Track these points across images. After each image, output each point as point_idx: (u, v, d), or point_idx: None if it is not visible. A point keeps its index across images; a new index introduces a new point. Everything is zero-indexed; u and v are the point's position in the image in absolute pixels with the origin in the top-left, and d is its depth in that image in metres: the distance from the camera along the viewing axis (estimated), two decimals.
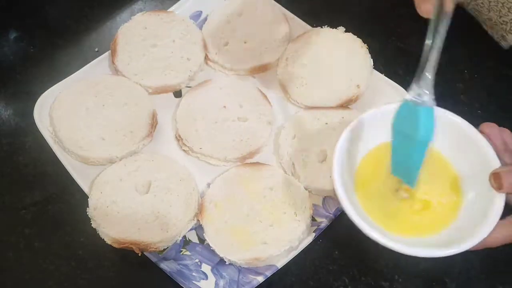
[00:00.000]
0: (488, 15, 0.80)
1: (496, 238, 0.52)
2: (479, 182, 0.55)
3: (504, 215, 0.52)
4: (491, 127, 0.57)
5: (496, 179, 0.52)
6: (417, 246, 0.52)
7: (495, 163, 0.54)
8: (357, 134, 0.59)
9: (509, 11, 0.76)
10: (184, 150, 0.75)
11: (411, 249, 0.52)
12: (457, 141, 0.59)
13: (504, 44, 0.82)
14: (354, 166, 0.60)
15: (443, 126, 0.57)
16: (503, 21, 0.78)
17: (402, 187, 0.58)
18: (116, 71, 0.80)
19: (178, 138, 0.75)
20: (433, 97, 0.52)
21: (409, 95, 0.53)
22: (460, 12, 0.89)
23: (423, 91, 0.52)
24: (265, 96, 0.78)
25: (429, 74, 0.52)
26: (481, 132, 0.56)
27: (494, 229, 0.51)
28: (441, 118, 0.58)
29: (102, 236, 0.66)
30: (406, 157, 0.55)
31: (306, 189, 0.70)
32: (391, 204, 0.58)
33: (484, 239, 0.51)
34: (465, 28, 0.89)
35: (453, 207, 0.57)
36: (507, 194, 0.52)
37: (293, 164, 0.72)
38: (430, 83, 0.52)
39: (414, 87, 0.53)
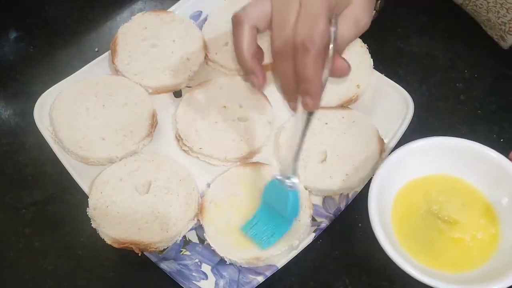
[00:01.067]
0: (487, 16, 0.80)
1: None
2: None
3: None
4: None
5: None
6: (458, 283, 0.53)
7: None
8: (390, 171, 0.62)
9: (507, 12, 0.76)
10: (184, 150, 0.75)
11: (452, 286, 0.53)
12: (490, 173, 0.61)
13: (503, 45, 0.82)
14: (389, 202, 0.63)
15: (475, 160, 0.61)
16: (502, 22, 0.78)
17: (441, 222, 0.61)
18: (116, 71, 0.80)
19: (178, 138, 0.75)
20: (297, 180, 0.61)
21: (278, 175, 0.62)
22: (460, 12, 0.89)
23: (291, 176, 0.61)
24: (265, 96, 0.78)
25: (294, 163, 0.60)
26: (510, 159, 0.58)
27: None
28: (474, 152, 0.61)
29: (102, 236, 0.66)
30: (270, 226, 0.64)
31: (306, 189, 0.70)
32: (428, 240, 0.60)
33: None
34: (465, 28, 0.89)
35: (491, 240, 0.58)
36: None
37: None
38: (296, 169, 0.61)
39: (282, 171, 0.62)
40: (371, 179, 0.70)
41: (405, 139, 0.74)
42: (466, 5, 0.85)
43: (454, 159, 0.64)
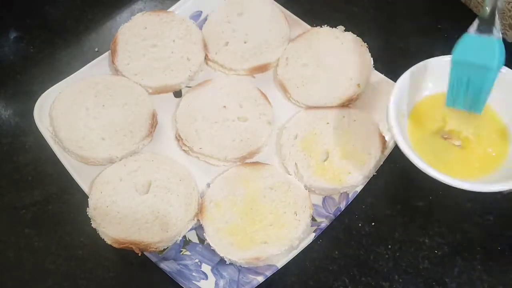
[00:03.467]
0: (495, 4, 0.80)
1: None
2: None
3: None
4: None
5: None
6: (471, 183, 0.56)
7: None
8: (415, 79, 0.64)
9: None
10: (184, 150, 0.75)
11: (467, 184, 0.56)
12: (506, 92, 0.63)
13: (509, 35, 0.82)
14: (408, 109, 0.65)
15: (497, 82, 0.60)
16: None
17: (453, 135, 0.63)
18: (116, 71, 0.80)
19: (178, 138, 0.75)
20: (499, 30, 0.56)
21: (471, 30, 0.57)
22: (460, 12, 0.89)
23: (493, 25, 0.56)
24: (265, 96, 0.78)
25: (496, 11, 0.56)
26: None
27: None
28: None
29: (102, 236, 0.66)
30: (472, 87, 0.58)
31: (309, 188, 0.70)
32: (442, 150, 0.63)
33: None
34: (465, 28, 0.89)
35: (502, 152, 0.61)
36: None
37: (295, 164, 0.72)
38: (497, 18, 0.56)
39: (477, 22, 0.57)
40: (372, 177, 0.71)
41: None
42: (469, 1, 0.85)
43: None
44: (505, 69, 0.63)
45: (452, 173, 0.59)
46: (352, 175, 0.70)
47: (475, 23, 0.57)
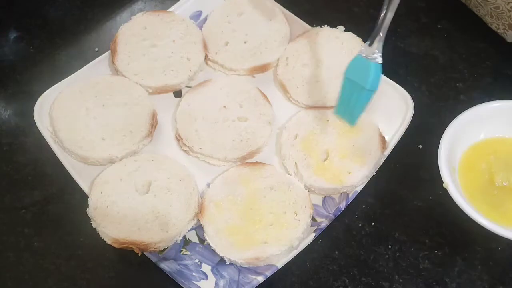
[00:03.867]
0: (495, 4, 0.80)
1: None
2: None
3: None
4: None
5: None
6: None
7: None
8: (458, 130, 0.66)
9: None
10: (184, 150, 0.75)
11: None
12: None
13: (509, 35, 0.82)
14: (456, 159, 0.67)
15: None
16: (511, 7, 0.78)
17: (501, 178, 0.65)
18: (116, 71, 0.80)
19: (178, 138, 0.75)
20: (381, 55, 0.64)
21: (361, 52, 0.65)
22: (460, 12, 0.89)
23: (375, 51, 0.64)
24: (265, 96, 0.78)
25: (380, 38, 0.64)
26: None
27: None
28: None
29: (102, 236, 0.66)
30: (352, 101, 0.66)
31: (308, 188, 0.70)
32: (493, 195, 0.65)
33: None
34: (465, 28, 0.89)
35: None
36: None
37: (295, 164, 0.72)
38: (381, 45, 0.64)
39: (367, 46, 0.64)
40: (372, 177, 0.71)
41: (405, 139, 0.74)
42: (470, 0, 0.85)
43: None
44: None
45: (508, 222, 0.62)
46: (352, 175, 0.70)
47: (364, 45, 0.65)
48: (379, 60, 0.64)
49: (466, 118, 0.69)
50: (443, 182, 0.64)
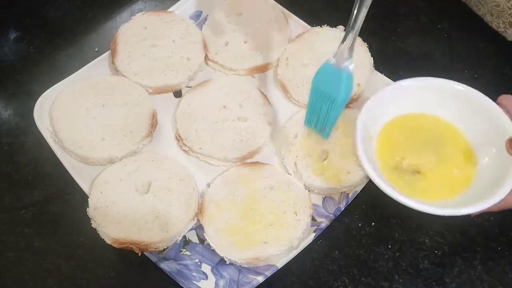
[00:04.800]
0: (496, 2, 0.80)
1: None
2: (494, 150, 0.57)
3: None
4: (508, 99, 0.60)
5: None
6: (437, 207, 0.55)
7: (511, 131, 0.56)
8: (373, 109, 0.63)
9: None
10: (184, 150, 0.75)
11: (434, 209, 0.55)
12: (471, 111, 0.62)
13: (509, 33, 0.82)
14: (373, 138, 0.64)
15: (456, 98, 0.63)
16: None
17: (418, 162, 0.62)
18: (116, 71, 0.80)
19: (178, 138, 0.75)
20: (353, 64, 0.59)
21: (331, 59, 0.60)
22: (460, 12, 0.89)
23: (346, 58, 0.59)
24: (265, 96, 0.78)
25: (351, 43, 0.58)
26: (498, 103, 0.59)
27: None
28: (455, 90, 0.63)
29: (102, 236, 0.66)
30: (323, 113, 0.63)
31: (308, 188, 0.70)
32: (407, 174, 0.62)
33: (504, 200, 0.53)
34: (465, 28, 0.89)
35: (468, 175, 0.60)
36: None
37: (295, 163, 0.72)
38: (352, 51, 0.59)
39: (338, 53, 0.59)
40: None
41: None
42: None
43: (442, 100, 0.65)
44: (464, 87, 0.63)
45: (419, 197, 0.59)
46: (351, 175, 0.70)
47: (336, 51, 0.60)
48: (351, 67, 0.60)
49: (392, 90, 0.65)
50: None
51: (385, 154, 0.63)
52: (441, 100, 0.65)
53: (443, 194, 0.60)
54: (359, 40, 0.81)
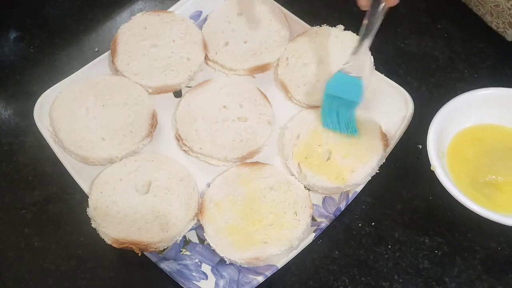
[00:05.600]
0: (495, 2, 0.80)
1: None
2: None
3: None
4: None
5: None
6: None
7: None
8: (449, 116, 0.67)
9: None
10: (184, 150, 0.75)
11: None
12: None
13: (509, 33, 0.82)
14: (445, 144, 0.68)
15: None
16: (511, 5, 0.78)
17: (493, 175, 0.65)
18: (116, 71, 0.80)
19: (178, 138, 0.75)
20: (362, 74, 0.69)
21: (343, 70, 0.69)
22: (460, 12, 0.89)
23: (359, 64, 0.69)
24: (265, 96, 0.78)
25: (365, 51, 0.68)
26: None
27: None
28: None
29: (102, 236, 0.66)
30: (340, 115, 0.71)
31: (311, 188, 0.70)
32: (483, 185, 0.65)
33: None
34: (465, 28, 0.89)
35: None
36: None
37: (298, 164, 0.72)
38: (367, 57, 0.70)
39: (351, 61, 0.69)
40: (372, 176, 0.71)
41: (405, 139, 0.74)
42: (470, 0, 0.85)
43: (507, 109, 0.68)
44: None
45: (495, 208, 0.62)
46: (355, 173, 0.70)
47: (348, 60, 0.70)
48: (361, 76, 0.69)
49: (456, 104, 0.69)
50: (431, 165, 0.65)
51: (458, 170, 0.66)
52: (505, 109, 0.68)
53: None
54: (358, 39, 0.81)
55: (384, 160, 0.72)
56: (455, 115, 0.69)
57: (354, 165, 0.70)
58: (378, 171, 0.71)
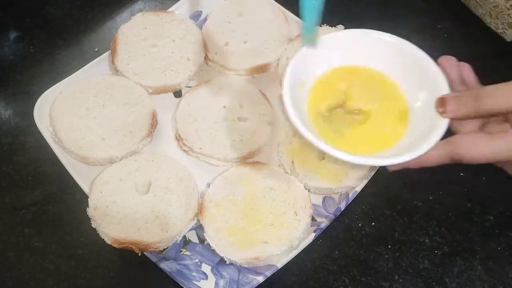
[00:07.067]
0: (494, 2, 0.80)
1: (432, 156, 0.52)
2: (427, 108, 0.56)
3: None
4: (449, 60, 0.59)
5: (441, 104, 0.53)
6: (364, 158, 0.53)
7: (445, 91, 0.55)
8: (308, 59, 0.60)
9: None
10: (184, 150, 0.75)
11: (358, 159, 0.52)
12: (409, 68, 0.61)
13: (508, 34, 0.82)
14: (306, 86, 0.61)
15: (396, 54, 0.62)
16: (511, 5, 0.78)
17: (355, 109, 0.60)
18: (116, 71, 0.80)
19: (178, 138, 0.75)
20: None
21: None
22: (460, 12, 0.89)
23: None
24: (265, 96, 0.78)
25: None
26: (439, 64, 0.58)
27: (432, 150, 0.52)
28: (394, 45, 0.63)
29: (102, 236, 0.66)
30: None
31: (305, 187, 0.70)
32: (341, 124, 0.60)
33: (421, 156, 0.51)
34: (465, 28, 0.89)
35: (400, 129, 0.58)
36: (452, 120, 0.52)
37: (292, 162, 0.72)
38: None
39: None
40: (372, 177, 0.71)
41: None
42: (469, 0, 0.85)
43: (380, 53, 0.63)
44: (397, 39, 0.64)
45: (347, 148, 0.56)
46: (348, 176, 0.70)
47: None
48: None
49: (338, 37, 0.63)
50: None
51: (318, 102, 0.60)
52: (377, 52, 0.63)
53: (370, 147, 0.58)
54: None
55: (378, 167, 0.72)
56: (325, 52, 0.62)
57: (348, 168, 0.70)
58: (375, 174, 0.71)
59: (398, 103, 0.61)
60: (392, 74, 0.63)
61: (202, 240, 0.69)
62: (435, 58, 0.88)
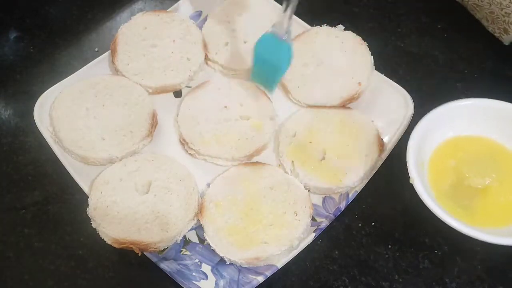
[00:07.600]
0: (490, 9, 0.80)
1: None
2: None
3: None
4: None
5: None
6: (492, 235, 0.57)
7: None
8: (427, 128, 0.65)
9: (510, 2, 0.76)
10: (190, 154, 0.75)
11: (488, 237, 0.57)
12: None
13: (505, 38, 0.82)
14: (425, 157, 0.66)
15: (500, 117, 0.66)
16: (505, 13, 0.78)
17: (475, 181, 0.65)
18: (116, 71, 0.80)
19: (183, 142, 0.75)
20: (290, 37, 0.67)
21: (271, 29, 0.67)
22: (460, 12, 0.89)
23: (283, 32, 0.65)
24: (265, 93, 0.78)
25: (286, 23, 0.65)
26: None
27: None
28: (498, 109, 0.66)
29: (102, 236, 0.66)
30: (264, 74, 0.71)
31: (305, 187, 0.70)
32: (460, 193, 0.64)
33: None
34: (465, 28, 0.89)
35: None
36: None
37: (292, 162, 0.72)
38: (286, 29, 0.65)
39: (275, 27, 0.66)
40: (372, 177, 0.71)
41: (405, 139, 0.74)
42: (467, 2, 0.85)
43: (500, 124, 0.67)
44: (506, 104, 0.66)
45: (474, 221, 0.61)
46: (348, 176, 0.70)
47: (276, 21, 0.66)
48: (289, 40, 0.66)
49: (437, 114, 0.68)
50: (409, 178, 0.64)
51: (439, 180, 0.65)
52: (487, 120, 0.67)
53: (500, 220, 0.61)
54: (358, 39, 0.81)
55: (379, 166, 0.72)
56: (436, 125, 0.68)
57: (348, 168, 0.70)
58: (375, 174, 0.71)
59: None
60: (504, 140, 0.67)
61: (202, 240, 0.69)
62: (435, 57, 0.88)
